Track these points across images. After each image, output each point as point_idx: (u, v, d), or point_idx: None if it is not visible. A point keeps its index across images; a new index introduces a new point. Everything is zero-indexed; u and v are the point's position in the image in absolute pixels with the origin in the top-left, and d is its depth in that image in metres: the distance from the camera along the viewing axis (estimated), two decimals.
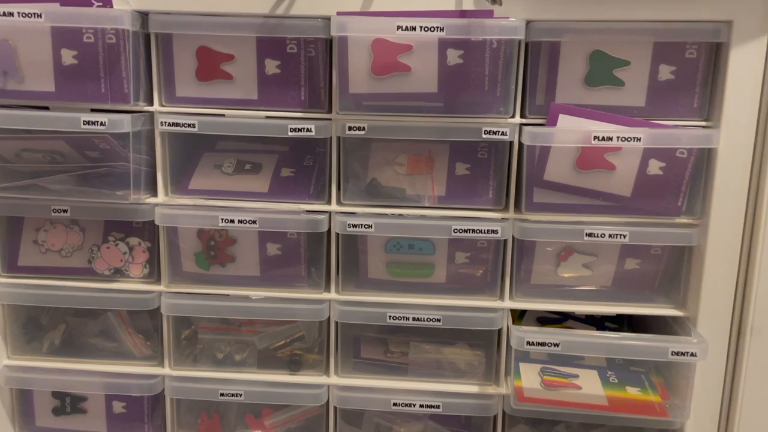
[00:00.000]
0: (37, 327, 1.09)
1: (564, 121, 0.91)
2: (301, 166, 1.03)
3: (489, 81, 0.90)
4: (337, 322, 1.01)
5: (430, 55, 0.89)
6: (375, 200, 0.98)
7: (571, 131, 0.90)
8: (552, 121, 0.91)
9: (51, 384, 1.06)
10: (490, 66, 0.90)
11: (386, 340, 1.06)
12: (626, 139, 0.88)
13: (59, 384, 1.06)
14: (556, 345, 0.90)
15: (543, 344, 0.90)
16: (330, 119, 0.95)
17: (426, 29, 0.85)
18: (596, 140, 0.88)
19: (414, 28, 0.85)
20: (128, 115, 0.92)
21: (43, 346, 1.07)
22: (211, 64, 0.95)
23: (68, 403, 1.08)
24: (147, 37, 0.94)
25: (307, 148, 1.03)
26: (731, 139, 0.89)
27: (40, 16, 0.88)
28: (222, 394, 1.03)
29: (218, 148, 1.06)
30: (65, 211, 0.99)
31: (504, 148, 0.96)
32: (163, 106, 0.97)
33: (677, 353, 0.89)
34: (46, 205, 0.99)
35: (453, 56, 0.89)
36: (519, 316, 1.10)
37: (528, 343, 0.90)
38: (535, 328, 0.94)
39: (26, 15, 0.88)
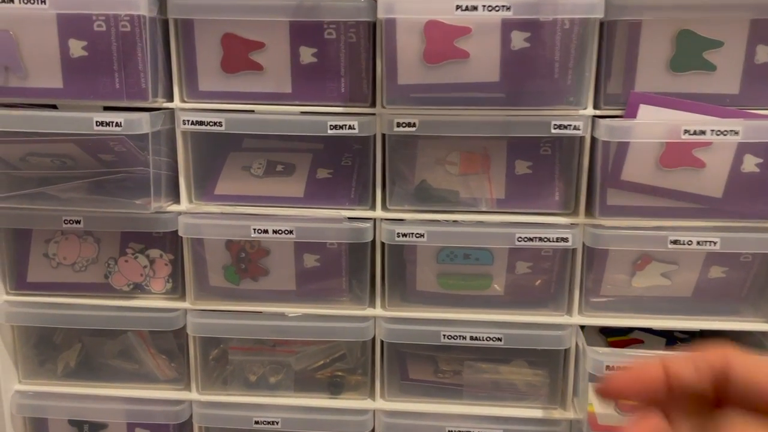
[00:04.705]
0: (50, 347, 0.99)
1: (645, 112, 0.79)
2: (339, 166, 0.91)
3: (559, 67, 0.79)
4: (383, 341, 0.91)
5: (491, 38, 0.77)
6: (425, 204, 0.87)
7: (655, 124, 0.78)
8: (631, 113, 0.80)
9: (67, 411, 0.96)
10: (561, 50, 0.78)
11: (436, 359, 0.96)
12: (722, 133, 0.76)
13: (76, 411, 0.96)
14: None
15: None
16: (374, 114, 0.84)
17: (490, 8, 0.74)
18: (686, 134, 0.76)
19: (476, 8, 0.74)
20: (146, 114, 0.81)
21: (57, 369, 0.98)
22: (238, 54, 0.84)
23: None
24: (166, 23, 0.83)
25: (344, 145, 0.92)
26: None
27: (44, 2, 0.78)
28: (256, 422, 0.93)
29: (245, 147, 0.95)
30: (78, 222, 0.88)
31: (571, 144, 0.84)
32: (184, 102, 0.86)
33: None
34: (57, 216, 0.89)
35: (518, 40, 0.77)
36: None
37: (608, 367, 0.79)
38: (614, 350, 0.83)
39: (29, 1, 0.78)
